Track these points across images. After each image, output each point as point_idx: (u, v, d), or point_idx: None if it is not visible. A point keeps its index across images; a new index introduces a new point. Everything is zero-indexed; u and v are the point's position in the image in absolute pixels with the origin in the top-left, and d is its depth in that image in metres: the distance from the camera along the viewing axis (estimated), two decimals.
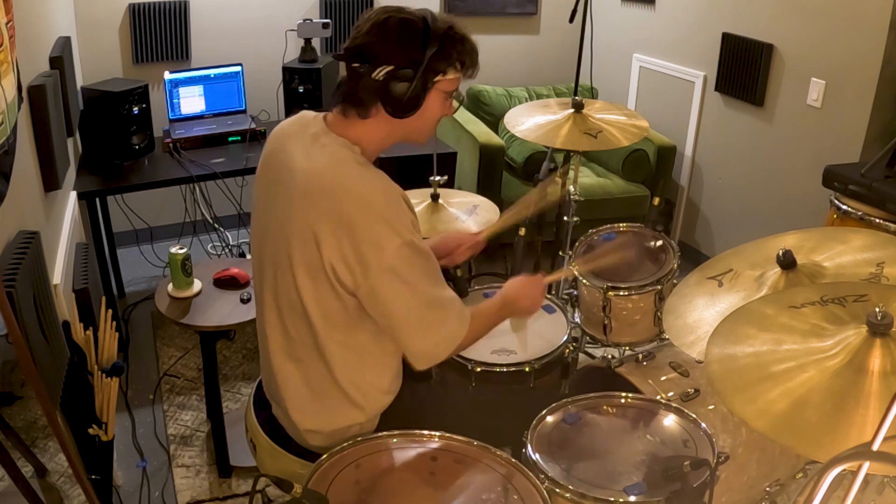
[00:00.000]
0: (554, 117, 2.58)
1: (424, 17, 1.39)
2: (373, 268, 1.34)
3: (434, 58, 1.38)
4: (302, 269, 1.39)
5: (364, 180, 1.38)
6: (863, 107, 2.88)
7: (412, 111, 1.41)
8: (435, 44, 1.38)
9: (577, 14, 3.11)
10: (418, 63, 1.37)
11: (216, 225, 3.80)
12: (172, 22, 3.63)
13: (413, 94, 1.39)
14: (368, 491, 1.31)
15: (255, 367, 3.01)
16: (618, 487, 1.41)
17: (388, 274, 1.35)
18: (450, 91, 1.46)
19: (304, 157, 1.42)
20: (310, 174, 1.40)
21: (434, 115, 1.47)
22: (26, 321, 1.59)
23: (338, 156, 1.40)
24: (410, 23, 1.38)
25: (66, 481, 2.30)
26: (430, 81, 1.41)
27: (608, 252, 2.24)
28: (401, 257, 1.35)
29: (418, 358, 1.45)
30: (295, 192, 1.40)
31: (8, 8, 1.80)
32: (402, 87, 1.38)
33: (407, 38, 1.37)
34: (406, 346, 1.45)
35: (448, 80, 1.43)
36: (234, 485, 2.42)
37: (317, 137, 1.44)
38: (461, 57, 1.43)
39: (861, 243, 1.55)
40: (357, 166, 1.40)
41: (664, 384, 1.92)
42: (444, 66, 1.41)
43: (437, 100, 1.45)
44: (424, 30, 1.38)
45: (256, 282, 1.56)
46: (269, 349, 1.52)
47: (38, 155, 2.26)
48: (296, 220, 1.39)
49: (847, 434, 1.00)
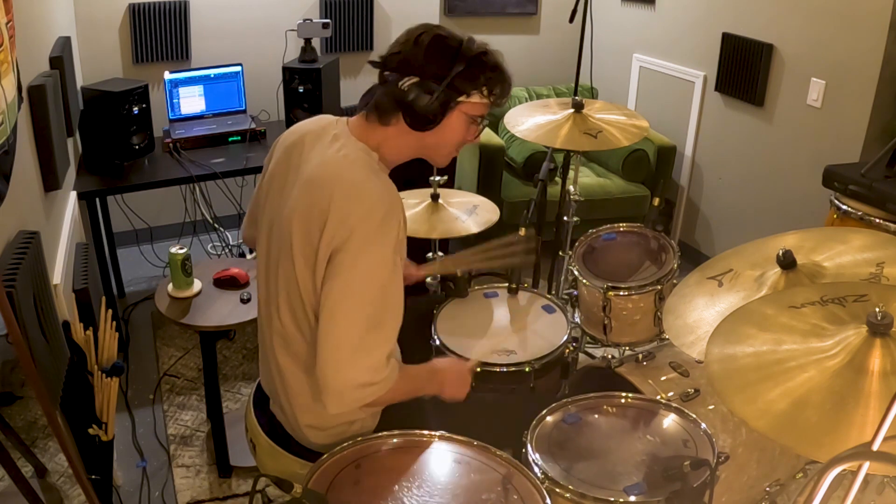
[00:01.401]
0: (554, 117, 2.58)
1: (461, 39, 1.42)
2: (342, 274, 1.34)
3: (459, 77, 1.40)
4: (301, 258, 1.39)
5: (372, 185, 1.38)
6: (863, 107, 2.88)
7: (429, 125, 1.42)
8: (462, 63, 1.39)
9: (577, 14, 3.11)
10: (442, 78, 1.39)
11: (216, 225, 3.80)
12: (172, 22, 3.63)
13: (433, 109, 1.40)
14: (368, 491, 1.31)
15: (255, 367, 3.01)
16: (618, 487, 1.41)
17: (352, 287, 1.34)
18: (474, 116, 1.46)
19: (320, 154, 1.44)
20: (321, 165, 1.41)
21: (455, 138, 1.47)
22: (26, 321, 1.59)
23: (353, 157, 1.42)
24: (445, 40, 1.40)
25: (66, 481, 2.30)
26: (452, 100, 1.41)
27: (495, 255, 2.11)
28: (372, 278, 1.35)
29: (331, 393, 1.34)
30: (303, 181, 1.42)
31: (8, 8, 1.80)
32: (424, 99, 1.39)
33: (437, 54, 1.39)
34: (326, 370, 1.34)
35: (472, 103, 1.44)
36: (234, 485, 2.42)
37: (337, 138, 1.46)
38: (489, 83, 1.43)
39: (861, 243, 1.55)
40: (369, 170, 1.40)
41: (664, 384, 1.92)
42: (469, 88, 1.42)
43: (459, 121, 1.45)
44: (456, 49, 1.40)
45: (261, 275, 1.57)
46: (270, 343, 1.53)
47: (38, 155, 2.26)
48: (299, 207, 1.40)
49: (847, 434, 1.00)
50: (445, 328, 2.03)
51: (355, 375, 1.34)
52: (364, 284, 1.34)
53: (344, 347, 1.33)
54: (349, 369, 1.34)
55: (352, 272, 1.34)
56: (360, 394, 1.36)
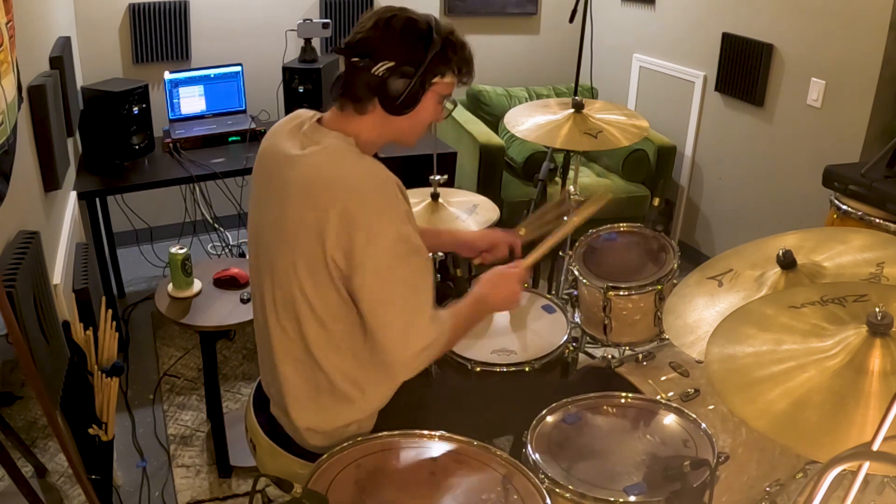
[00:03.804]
0: (554, 117, 2.58)
1: (428, 21, 1.43)
2: (367, 263, 1.35)
3: (435, 59, 1.41)
4: (303, 264, 1.39)
5: (358, 170, 1.39)
6: (863, 107, 2.88)
7: (408, 109, 1.43)
8: (437, 46, 1.41)
9: (577, 14, 3.11)
10: (419, 62, 1.40)
11: (216, 225, 3.80)
12: (172, 22, 3.63)
13: (411, 93, 1.41)
14: (368, 491, 1.31)
15: (255, 367, 3.01)
16: (618, 487, 1.41)
17: (381, 271, 1.36)
18: (444, 95, 1.49)
19: (299, 153, 1.43)
20: (306, 168, 1.40)
21: (426, 118, 1.50)
22: (26, 321, 1.59)
23: (333, 147, 1.42)
24: (415, 23, 1.41)
25: (66, 481, 2.30)
26: (427, 82, 1.43)
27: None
28: (395, 253, 1.36)
29: (398, 367, 1.43)
30: (291, 188, 1.41)
31: (8, 8, 1.80)
32: (401, 84, 1.40)
33: (410, 38, 1.40)
34: (386, 350, 1.41)
35: (444, 83, 1.46)
36: (234, 485, 2.42)
37: (311, 132, 1.46)
38: (459, 63, 1.47)
39: (861, 243, 1.55)
40: (351, 156, 1.41)
41: (664, 384, 1.92)
42: (444, 69, 1.44)
43: (431, 101, 1.47)
44: (428, 31, 1.41)
45: (254, 281, 1.57)
46: (268, 348, 1.52)
47: (38, 155, 2.26)
48: (294, 216, 1.39)
49: (847, 434, 1.00)
50: None
51: (414, 344, 1.40)
52: (390, 268, 1.36)
53: (396, 329, 1.39)
54: (407, 344, 1.40)
55: (372, 261, 1.35)
56: (424, 356, 1.42)
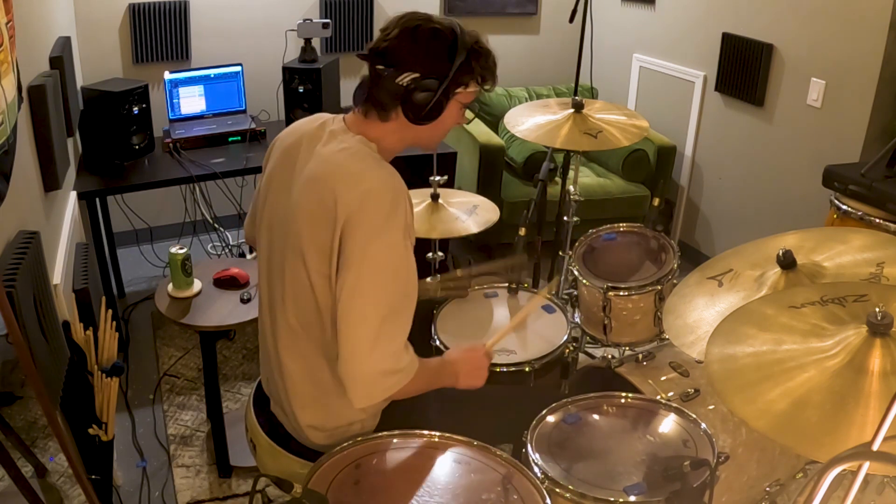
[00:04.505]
0: (554, 117, 2.58)
1: (453, 29, 1.41)
2: (358, 260, 1.34)
3: (459, 70, 1.41)
4: (313, 258, 1.38)
5: (376, 173, 1.39)
6: (863, 107, 2.88)
7: (432, 119, 1.43)
8: (462, 56, 1.40)
9: (577, 14, 3.11)
10: (444, 75, 1.40)
11: (216, 225, 3.80)
12: (172, 22, 3.63)
13: (435, 104, 1.41)
14: (368, 491, 1.31)
15: (255, 367, 3.01)
16: (618, 487, 1.41)
17: (369, 273, 1.34)
18: (466, 102, 1.49)
19: (323, 149, 1.44)
20: (326, 162, 1.41)
21: (448, 125, 1.50)
22: (26, 321, 1.59)
23: (354, 149, 1.42)
24: (440, 33, 1.40)
25: (66, 481, 2.30)
26: (451, 92, 1.43)
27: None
28: (389, 258, 1.35)
29: (356, 382, 1.34)
30: (308, 179, 1.41)
31: (8, 8, 1.80)
32: (426, 95, 1.40)
33: (436, 49, 1.39)
34: (349, 361, 1.34)
35: (468, 92, 1.46)
36: (234, 485, 2.42)
37: (335, 134, 1.46)
38: (483, 72, 1.46)
39: (861, 243, 1.55)
40: (370, 160, 1.42)
41: (664, 384, 1.92)
42: (468, 79, 1.44)
43: (453, 110, 1.47)
44: (453, 42, 1.40)
45: (263, 276, 1.56)
46: (273, 345, 1.52)
47: (38, 155, 2.26)
48: (309, 205, 1.39)
49: (847, 434, 1.00)
50: (445, 328, 2.03)
51: (379, 364, 1.35)
52: (377, 273, 1.35)
53: (365, 338, 1.33)
54: (372, 358, 1.34)
55: (364, 262, 1.34)
56: (386, 383, 1.36)
